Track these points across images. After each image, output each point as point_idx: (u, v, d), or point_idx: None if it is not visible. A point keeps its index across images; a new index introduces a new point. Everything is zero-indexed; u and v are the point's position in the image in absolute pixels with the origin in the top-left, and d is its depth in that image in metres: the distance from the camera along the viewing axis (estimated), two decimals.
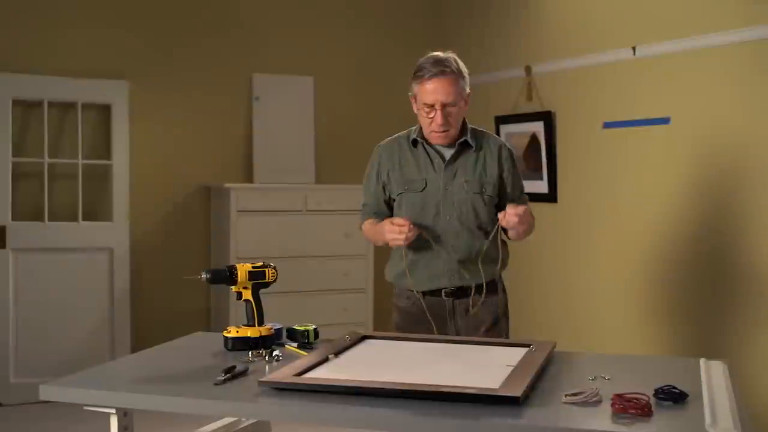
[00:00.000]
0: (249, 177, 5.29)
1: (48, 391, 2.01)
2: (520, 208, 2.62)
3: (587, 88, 4.52)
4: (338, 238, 5.14)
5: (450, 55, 2.75)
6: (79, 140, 4.82)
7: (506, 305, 2.92)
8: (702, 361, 2.16)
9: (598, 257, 4.49)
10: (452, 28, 5.61)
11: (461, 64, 2.76)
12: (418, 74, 2.73)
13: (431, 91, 2.69)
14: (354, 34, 5.62)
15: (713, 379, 1.99)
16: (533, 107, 4.82)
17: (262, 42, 5.35)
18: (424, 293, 2.79)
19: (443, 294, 2.78)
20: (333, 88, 5.52)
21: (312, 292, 5.05)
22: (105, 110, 4.94)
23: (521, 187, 2.93)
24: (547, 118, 4.71)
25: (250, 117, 5.32)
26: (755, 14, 3.63)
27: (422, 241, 2.75)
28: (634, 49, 4.19)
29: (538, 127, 4.76)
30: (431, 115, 2.72)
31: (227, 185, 4.97)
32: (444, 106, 2.69)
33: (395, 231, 2.64)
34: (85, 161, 4.86)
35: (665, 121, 4.07)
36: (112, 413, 2.02)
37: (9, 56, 4.74)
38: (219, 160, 5.26)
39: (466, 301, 2.79)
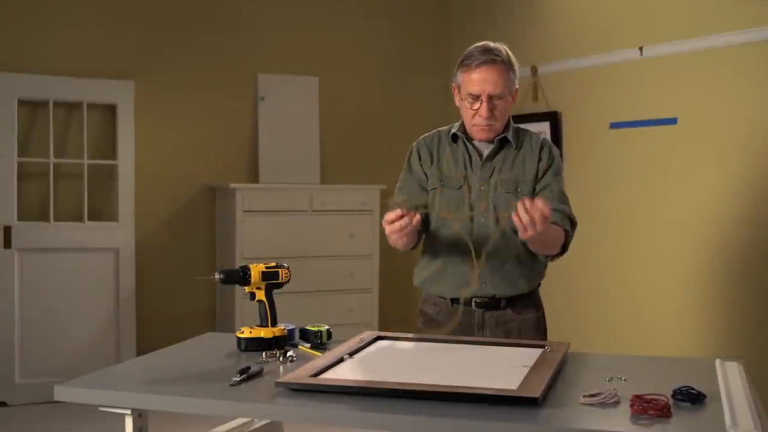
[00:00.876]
0: (254, 177, 5.29)
1: (63, 392, 2.00)
2: (544, 204, 2.21)
3: (594, 88, 4.52)
4: (343, 238, 5.13)
5: (500, 45, 2.53)
6: (84, 140, 4.82)
7: (543, 323, 2.66)
8: (717, 361, 2.15)
9: (602, 257, 4.49)
10: (458, 28, 5.61)
11: (512, 56, 2.54)
12: (465, 62, 2.51)
13: (478, 80, 2.47)
14: (359, 34, 5.62)
15: (730, 380, 1.98)
16: (539, 107, 4.82)
17: (267, 42, 5.35)
18: (452, 300, 2.58)
19: (473, 304, 2.55)
20: (338, 89, 5.52)
21: (317, 292, 5.04)
22: (110, 110, 4.94)
23: (561, 196, 2.57)
24: (553, 118, 4.71)
25: (256, 117, 5.32)
26: (762, 15, 3.63)
27: (452, 244, 2.54)
28: (641, 49, 4.20)
29: (544, 128, 4.75)
30: (475, 107, 2.49)
31: (233, 185, 4.96)
32: (491, 97, 2.47)
33: (387, 220, 2.34)
34: (90, 161, 4.85)
35: (672, 121, 4.07)
36: (128, 414, 2.01)
37: (14, 56, 4.73)
38: (224, 160, 5.26)
39: (498, 314, 2.56)
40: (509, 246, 2.52)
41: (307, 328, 2.44)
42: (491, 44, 2.52)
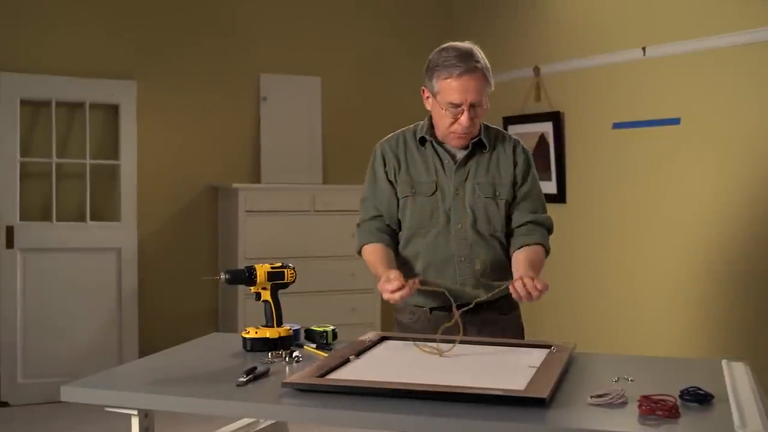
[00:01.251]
0: (256, 177, 5.29)
1: (69, 392, 1.99)
2: (540, 283, 2.25)
3: (596, 88, 4.51)
4: (345, 238, 5.10)
5: (474, 47, 2.46)
6: (86, 140, 4.83)
7: (521, 322, 2.65)
8: (724, 362, 2.15)
9: (606, 258, 4.49)
10: (460, 27, 5.61)
11: (485, 58, 2.47)
12: (443, 69, 2.42)
13: (460, 89, 2.39)
14: (361, 34, 5.62)
15: (737, 380, 1.98)
16: (542, 108, 4.82)
17: (269, 42, 5.35)
18: (432, 309, 2.53)
19: (455, 308, 2.37)
20: (340, 88, 5.52)
21: (319, 292, 5.04)
22: (113, 110, 4.94)
23: (539, 201, 2.57)
24: (555, 118, 4.71)
25: (258, 117, 5.32)
26: (765, 15, 3.63)
27: (431, 251, 2.50)
28: (644, 49, 4.19)
29: (546, 128, 4.75)
30: (456, 115, 2.43)
31: (235, 185, 4.96)
32: (472, 106, 2.41)
33: (387, 290, 2.31)
34: (92, 161, 4.86)
35: (675, 121, 4.07)
36: (134, 414, 2.01)
37: (17, 56, 4.74)
38: (226, 160, 5.26)
39: (478, 317, 2.46)
40: (487, 251, 2.50)
41: (312, 328, 2.44)
42: (464, 47, 2.45)
